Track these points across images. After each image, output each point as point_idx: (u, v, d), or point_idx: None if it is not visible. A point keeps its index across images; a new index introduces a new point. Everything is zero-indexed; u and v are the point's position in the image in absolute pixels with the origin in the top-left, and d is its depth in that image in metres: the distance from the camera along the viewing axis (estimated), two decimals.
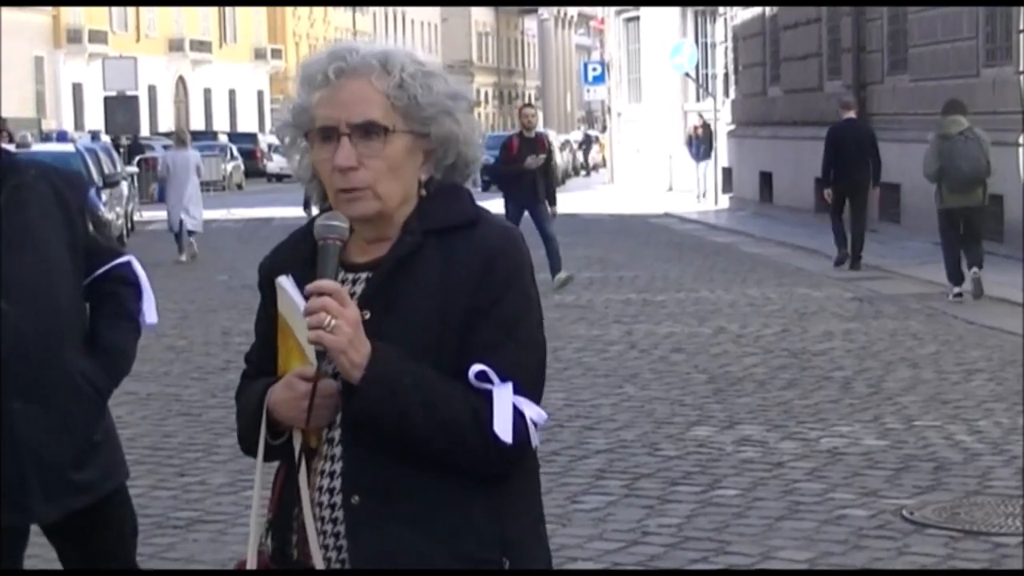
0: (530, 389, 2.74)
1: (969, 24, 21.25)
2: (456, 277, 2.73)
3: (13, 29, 56.00)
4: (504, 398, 2.68)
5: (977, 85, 20.44)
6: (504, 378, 2.69)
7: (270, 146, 56.63)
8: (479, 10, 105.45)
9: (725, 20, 35.31)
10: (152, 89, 69.19)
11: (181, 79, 76.05)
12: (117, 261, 4.35)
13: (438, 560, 2.70)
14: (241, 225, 30.97)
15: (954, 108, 15.78)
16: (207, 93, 78.52)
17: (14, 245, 4.09)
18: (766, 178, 30.55)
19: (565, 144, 60.07)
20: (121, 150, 36.52)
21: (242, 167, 54.68)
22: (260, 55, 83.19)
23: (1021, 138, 18.87)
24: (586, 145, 68.98)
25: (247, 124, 77.16)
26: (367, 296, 2.76)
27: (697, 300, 16.41)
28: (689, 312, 15.37)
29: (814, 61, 28.03)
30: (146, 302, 4.39)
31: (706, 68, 37.89)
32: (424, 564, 2.70)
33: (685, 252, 22.79)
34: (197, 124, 70.13)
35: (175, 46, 74.57)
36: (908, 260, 19.45)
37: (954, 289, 15.53)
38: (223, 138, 57.98)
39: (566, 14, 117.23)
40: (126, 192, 28.18)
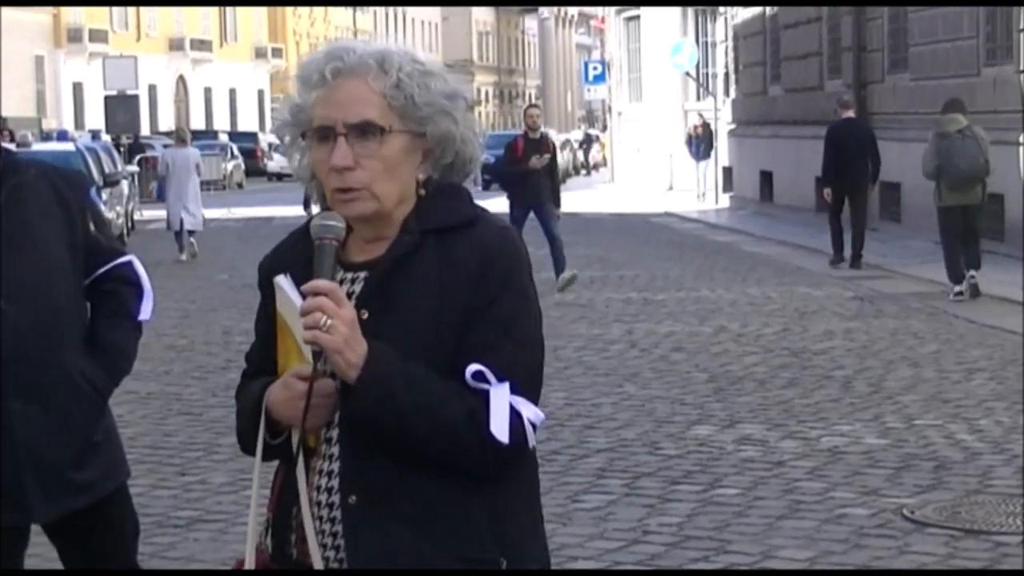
0: (528, 389, 2.72)
1: (969, 23, 21.24)
2: (454, 277, 2.72)
3: (13, 28, 56.01)
4: (500, 398, 2.67)
5: (978, 84, 20.43)
6: (501, 378, 2.68)
7: (270, 145, 56.61)
8: (479, 9, 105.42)
9: (726, 19, 35.31)
10: (152, 88, 69.21)
11: (181, 78, 76.05)
12: (118, 261, 4.34)
13: (436, 560, 2.69)
14: (242, 224, 30.96)
15: (953, 107, 15.79)
16: (207, 92, 78.52)
17: (14, 244, 4.09)
18: (767, 177, 30.54)
19: (566, 143, 60.03)
20: (121, 149, 36.52)
21: (243, 166, 54.70)
22: (260, 54, 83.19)
23: (1021, 137, 18.86)
24: (587, 144, 68.96)
25: (247, 123, 77.16)
26: (365, 295, 2.76)
27: (698, 299, 16.41)
28: (690, 311, 15.37)
29: (814, 60, 28.02)
30: (146, 301, 4.39)
31: (706, 67, 37.89)
32: (422, 564, 2.69)
33: (686, 251, 22.78)
34: (197, 123, 70.13)
35: (175, 45, 74.58)
36: (909, 259, 19.44)
37: (955, 288, 15.52)
38: (223, 137, 57.98)
39: (567, 13, 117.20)
40: (126, 191, 28.17)
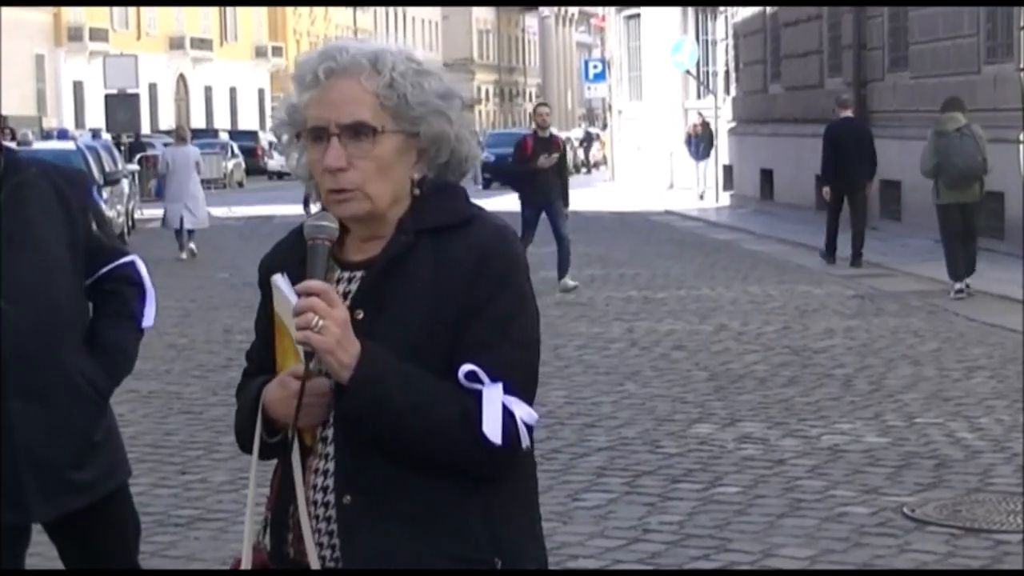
0: (522, 389, 2.71)
1: (970, 21, 21.24)
2: (449, 276, 2.71)
3: (14, 27, 56.00)
4: (494, 399, 2.66)
5: (978, 82, 20.43)
6: (495, 378, 2.67)
7: (271, 144, 56.56)
8: (480, 8, 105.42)
9: (726, 17, 35.29)
10: (153, 87, 69.21)
11: (182, 77, 76.05)
12: (121, 261, 4.34)
13: (431, 560, 2.69)
14: (242, 223, 30.95)
15: (952, 105, 15.81)
16: (208, 91, 78.52)
17: (14, 244, 4.08)
18: (767, 175, 30.53)
19: (566, 142, 59.98)
20: (122, 148, 36.52)
21: (243, 165, 54.68)
22: (261, 53, 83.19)
23: (1022, 135, 18.86)
24: (587, 143, 68.92)
25: (248, 122, 77.14)
26: (360, 295, 2.75)
27: (698, 297, 16.41)
28: (690, 309, 15.37)
29: (815, 58, 28.01)
30: (148, 304, 4.38)
31: (707, 65, 37.86)
32: (417, 564, 2.69)
33: (686, 249, 22.79)
34: (198, 122, 70.12)
35: (176, 44, 74.58)
36: (909, 257, 19.45)
37: (955, 286, 15.53)
38: (224, 136, 57.96)
39: (567, 12, 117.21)
40: (127, 190, 28.16)
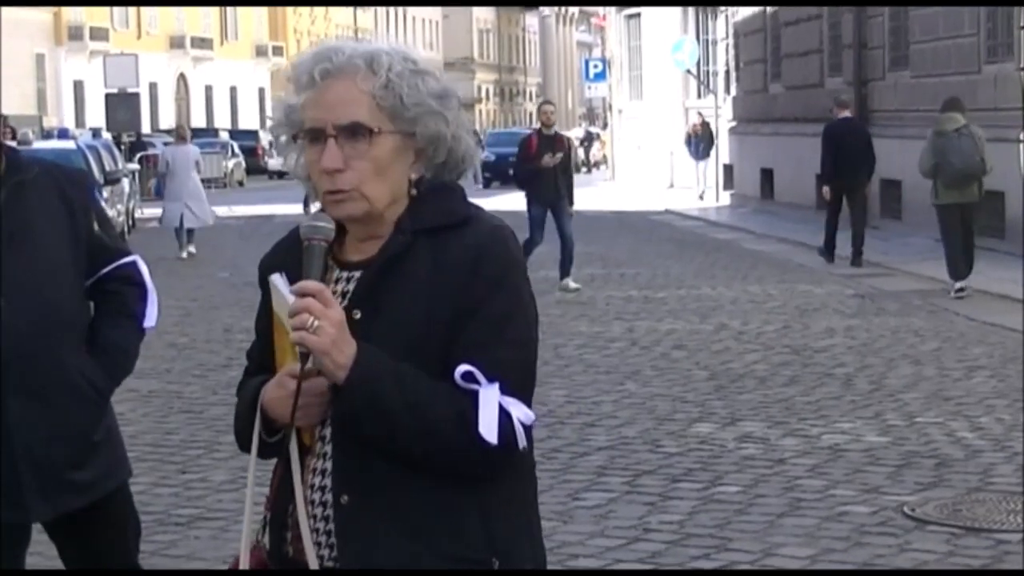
0: (519, 389, 2.70)
1: (970, 20, 21.23)
2: (446, 276, 2.71)
3: (14, 26, 55.99)
4: (490, 399, 2.65)
5: (978, 81, 20.43)
6: (492, 378, 2.66)
7: (271, 143, 56.34)
8: (480, 7, 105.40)
9: (726, 17, 35.29)
10: (153, 86, 69.19)
11: (182, 76, 76.03)
12: (123, 260, 4.34)
13: (427, 561, 2.69)
14: (243, 222, 30.95)
15: (952, 105, 15.83)
16: (208, 90, 78.51)
17: (15, 243, 4.08)
18: (767, 175, 30.52)
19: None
20: (122, 147, 36.53)
21: (243, 164, 54.70)
22: (261, 52, 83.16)
23: (1022, 135, 18.86)
24: (587, 142, 68.89)
25: (248, 121, 77.11)
26: (358, 295, 2.75)
27: (698, 297, 16.42)
28: (690, 309, 15.37)
29: (815, 57, 28.01)
30: (150, 304, 4.38)
31: (707, 65, 37.87)
32: (413, 564, 2.69)
33: (686, 249, 22.79)
34: (198, 121, 70.11)
35: (176, 43, 74.55)
36: (909, 256, 19.44)
37: (955, 285, 15.53)
38: (224, 135, 57.97)
39: (567, 11, 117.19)
40: (127, 189, 28.18)
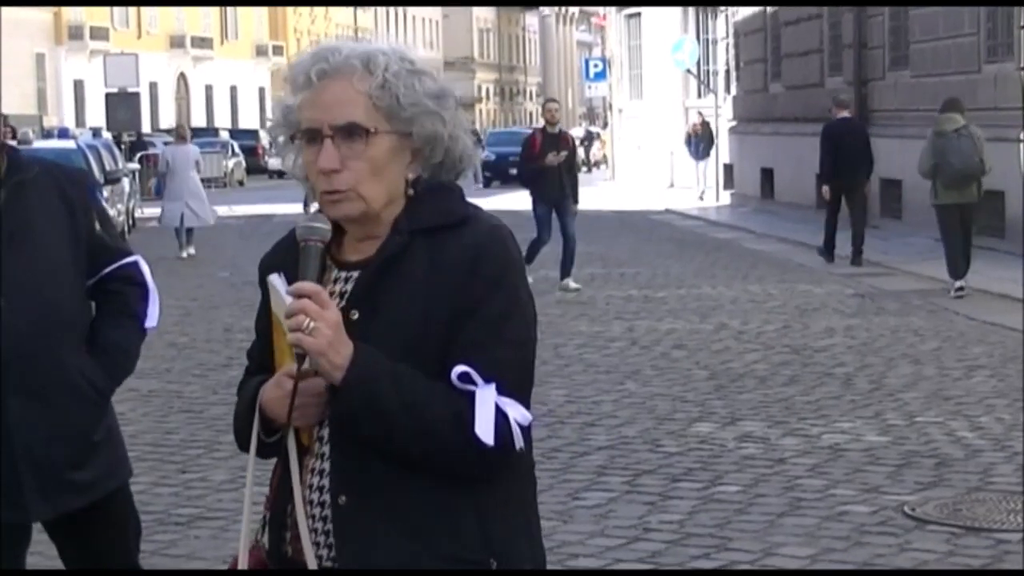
0: (516, 389, 2.70)
1: (970, 20, 21.23)
2: (443, 276, 2.70)
3: (14, 26, 55.97)
4: (487, 400, 2.65)
5: (979, 81, 20.43)
6: (489, 378, 2.65)
7: (271, 143, 56.54)
8: (480, 7, 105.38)
9: (726, 16, 35.29)
10: (153, 86, 69.18)
11: (182, 76, 76.03)
12: (124, 261, 4.33)
13: (425, 561, 2.69)
14: (243, 222, 30.95)
15: (951, 106, 15.83)
16: (208, 90, 78.51)
17: (15, 243, 4.08)
18: (767, 174, 30.52)
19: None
20: (122, 147, 36.52)
21: (243, 164, 54.73)
22: (261, 52, 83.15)
23: (1022, 134, 18.86)
24: (587, 142, 68.87)
25: (248, 121, 77.13)
26: (355, 295, 2.75)
27: (698, 296, 16.42)
28: (690, 308, 15.37)
29: (815, 57, 28.00)
30: (151, 304, 4.38)
31: (707, 64, 37.86)
32: (411, 565, 2.68)
33: (686, 248, 22.79)
34: (198, 121, 70.12)
35: (176, 43, 74.54)
36: (910, 256, 19.45)
37: (955, 284, 15.53)
38: (224, 135, 57.98)
39: (567, 10, 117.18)
40: (127, 189, 28.18)
